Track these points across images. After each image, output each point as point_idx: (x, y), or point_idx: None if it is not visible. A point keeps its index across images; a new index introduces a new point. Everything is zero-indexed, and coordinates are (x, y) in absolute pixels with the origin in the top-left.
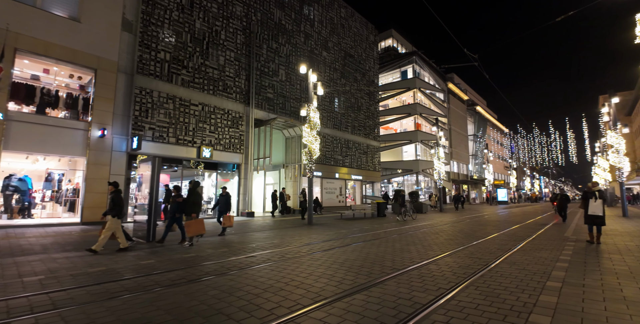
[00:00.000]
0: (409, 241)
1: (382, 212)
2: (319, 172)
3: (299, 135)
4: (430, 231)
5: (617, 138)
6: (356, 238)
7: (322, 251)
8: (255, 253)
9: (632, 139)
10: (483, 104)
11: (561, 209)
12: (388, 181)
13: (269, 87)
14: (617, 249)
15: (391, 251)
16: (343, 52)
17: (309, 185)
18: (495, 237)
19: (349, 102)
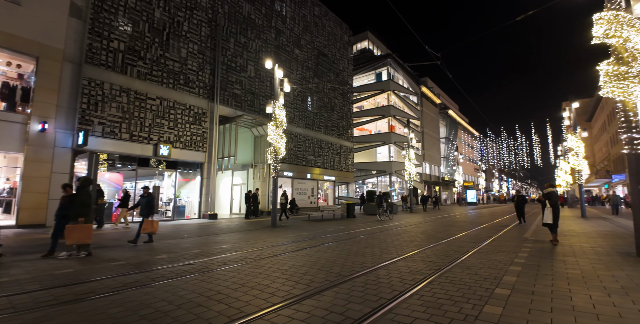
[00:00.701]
0: (368, 244)
1: (352, 213)
2: (290, 172)
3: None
4: (394, 233)
5: (577, 142)
6: (314, 241)
7: (270, 257)
8: (193, 261)
9: (592, 144)
10: (455, 108)
11: (519, 210)
12: (362, 182)
13: (237, 83)
14: (572, 251)
15: (345, 254)
16: (316, 50)
17: (274, 185)
18: (456, 239)
19: (322, 101)
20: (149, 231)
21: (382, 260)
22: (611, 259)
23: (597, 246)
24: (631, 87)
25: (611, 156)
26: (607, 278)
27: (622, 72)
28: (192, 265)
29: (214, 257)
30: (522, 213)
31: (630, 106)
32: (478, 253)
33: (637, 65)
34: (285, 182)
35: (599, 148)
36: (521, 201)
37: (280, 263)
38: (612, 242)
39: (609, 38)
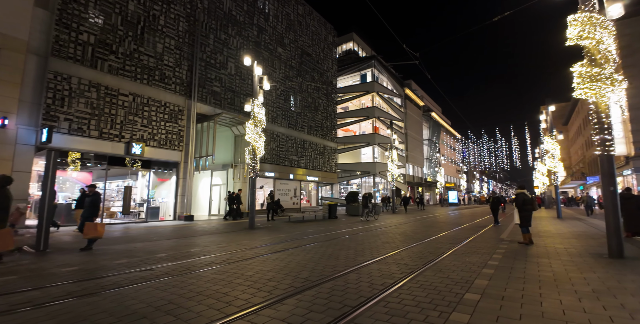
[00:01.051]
0: (344, 246)
1: (334, 214)
2: (272, 172)
3: None
4: (372, 234)
5: (553, 144)
6: (289, 244)
7: (238, 262)
8: (154, 266)
9: (568, 147)
10: (438, 110)
11: (494, 211)
12: (347, 182)
13: (216, 80)
14: (546, 252)
15: (318, 258)
16: (300, 49)
17: (252, 186)
18: (433, 240)
19: (306, 101)
20: (91, 235)
21: (355, 263)
22: (583, 261)
23: (571, 247)
24: (603, 88)
25: (586, 159)
26: (578, 280)
27: (595, 74)
28: (152, 271)
29: (179, 262)
30: (497, 214)
31: (602, 108)
32: (453, 255)
33: (609, 67)
34: (267, 183)
35: (574, 151)
36: (496, 202)
37: (247, 267)
38: (585, 243)
39: (583, 40)
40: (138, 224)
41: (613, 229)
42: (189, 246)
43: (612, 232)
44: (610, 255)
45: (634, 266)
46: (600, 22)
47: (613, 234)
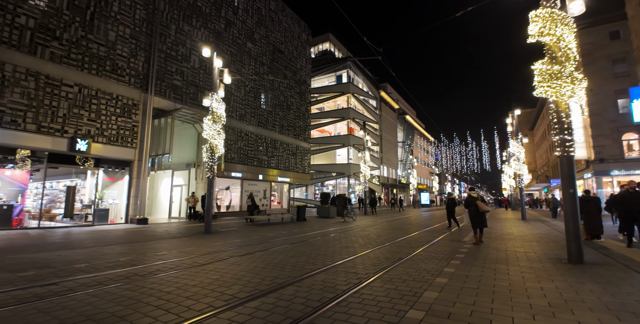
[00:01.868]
0: (298, 252)
1: (302, 216)
2: (239, 173)
3: None
4: (334, 238)
5: (518, 147)
6: (238, 251)
7: (167, 273)
8: (63, 280)
9: (534, 151)
10: (413, 114)
11: (449, 213)
12: (322, 184)
13: (177, 74)
14: (506, 256)
15: (262, 267)
16: (272, 46)
17: (209, 187)
18: (395, 243)
19: (278, 99)
20: None
21: (301, 273)
22: (542, 267)
23: (531, 251)
24: (563, 86)
25: (550, 162)
26: (535, 291)
27: (555, 72)
28: (55, 286)
29: (93, 274)
30: (453, 216)
31: (562, 107)
32: (410, 261)
33: (570, 65)
34: (235, 184)
35: (540, 155)
36: (452, 204)
37: (170, 282)
38: (546, 246)
39: (544, 36)
40: (83, 228)
41: (572, 233)
42: (121, 254)
43: (572, 236)
44: (569, 260)
45: (592, 273)
46: (561, 19)
47: (572, 239)
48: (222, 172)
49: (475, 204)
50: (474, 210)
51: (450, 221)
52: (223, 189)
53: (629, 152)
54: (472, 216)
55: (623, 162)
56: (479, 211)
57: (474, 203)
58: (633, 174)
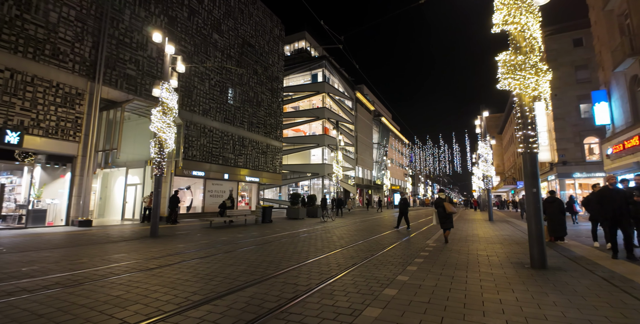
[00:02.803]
0: (240, 259)
1: (268, 217)
2: (201, 171)
3: (177, 124)
4: (291, 241)
5: (486, 149)
6: (173, 258)
7: (69, 287)
8: None
9: (502, 154)
10: (388, 116)
11: (401, 215)
12: (296, 184)
13: (131, 62)
14: (467, 261)
15: (186, 279)
16: (240, 39)
17: (156, 186)
18: (354, 247)
19: (247, 95)
20: None
21: (230, 287)
22: (504, 273)
23: (493, 255)
24: (527, 78)
25: (517, 165)
26: (492, 305)
27: (519, 62)
28: None
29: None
30: (406, 218)
31: (526, 101)
32: (362, 268)
33: (535, 56)
34: (196, 183)
35: (507, 158)
36: (404, 205)
37: (58, 300)
38: (509, 249)
39: (508, 24)
40: (13, 230)
41: (535, 236)
42: (32, 262)
43: (534, 239)
44: (532, 265)
45: (556, 281)
46: (526, 6)
47: (535, 242)
48: (181, 171)
49: (443, 206)
50: (442, 211)
51: (400, 220)
52: (183, 189)
53: (590, 155)
54: (440, 216)
55: (584, 165)
56: (445, 212)
57: (442, 204)
58: (593, 176)
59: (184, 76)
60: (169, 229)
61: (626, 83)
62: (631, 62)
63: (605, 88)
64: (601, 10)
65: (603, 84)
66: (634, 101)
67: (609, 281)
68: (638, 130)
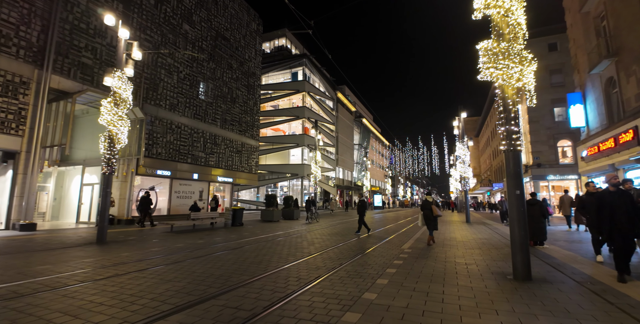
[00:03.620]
0: (184, 272)
1: (239, 220)
2: (167, 171)
3: (139, 118)
4: (256, 247)
5: (464, 150)
6: (107, 271)
7: None
8: None
9: (478, 157)
10: (370, 118)
11: (361, 216)
12: (274, 185)
13: (87, 50)
14: (444, 270)
15: (101, 301)
16: (214, 31)
17: (105, 186)
18: (323, 254)
19: (220, 91)
20: None
21: (155, 312)
22: (484, 287)
23: (472, 262)
24: (511, 67)
25: (493, 167)
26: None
27: (502, 50)
28: None
29: None
30: (362, 220)
31: (509, 93)
32: (325, 282)
33: (519, 45)
34: (161, 183)
35: (484, 160)
36: (362, 206)
37: None
38: (488, 255)
39: (490, 8)
40: None
41: (518, 244)
42: None
43: (518, 247)
44: (515, 276)
45: (544, 297)
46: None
47: (519, 250)
48: (144, 170)
49: (429, 208)
50: (428, 213)
51: (360, 225)
52: (147, 189)
53: (563, 158)
54: (426, 218)
55: (558, 168)
56: (432, 214)
57: (428, 207)
58: (566, 179)
59: (149, 67)
60: (123, 233)
61: (601, 85)
62: (607, 64)
63: (580, 90)
64: (577, 12)
65: (578, 87)
66: (609, 103)
67: (602, 297)
68: (613, 132)
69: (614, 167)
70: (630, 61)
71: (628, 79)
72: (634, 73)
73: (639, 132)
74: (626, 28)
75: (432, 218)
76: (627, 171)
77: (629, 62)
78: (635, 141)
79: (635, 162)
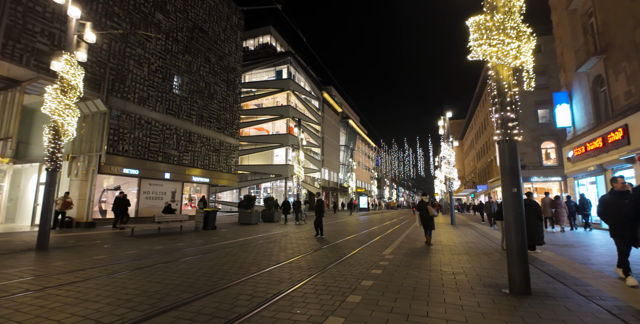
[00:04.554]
0: (113, 289)
1: (212, 223)
2: (135, 169)
3: (102, 111)
4: (215, 256)
5: (449, 150)
6: (22, 285)
7: None
8: None
9: (462, 159)
10: (356, 119)
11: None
12: (257, 186)
13: (44, 35)
14: (429, 281)
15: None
16: (191, 23)
17: (48, 184)
18: (290, 263)
19: (197, 85)
20: None
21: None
22: (477, 305)
23: (461, 271)
24: (507, 43)
25: (477, 169)
26: None
27: (498, 23)
28: None
29: None
30: (320, 223)
31: (505, 74)
32: (283, 301)
33: (514, 18)
34: (128, 183)
35: (467, 162)
36: (319, 208)
37: None
38: (478, 262)
39: None
40: None
41: (516, 252)
42: None
43: (515, 256)
44: (512, 290)
45: (549, 318)
46: None
47: (516, 260)
48: (108, 168)
49: (426, 209)
50: (425, 214)
51: (318, 226)
52: (111, 189)
53: (547, 160)
54: (422, 219)
55: (542, 169)
56: (428, 215)
57: (424, 207)
58: (549, 180)
59: (115, 57)
60: (75, 238)
61: (589, 84)
62: (595, 62)
63: (566, 90)
64: (564, 10)
65: (564, 86)
66: (596, 102)
67: (620, 319)
68: (601, 131)
69: (602, 167)
70: (620, 58)
71: (617, 76)
72: (624, 70)
73: (629, 131)
74: (615, 24)
75: (428, 218)
76: (615, 171)
77: (618, 59)
78: (626, 140)
79: (625, 162)
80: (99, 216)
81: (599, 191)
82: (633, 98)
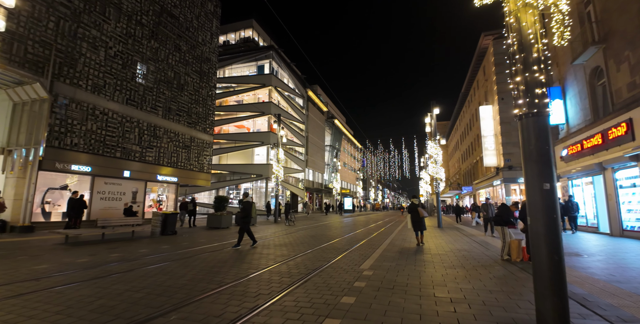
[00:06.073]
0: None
1: (171, 228)
2: (87, 166)
3: (42, 98)
4: (146, 273)
5: (436, 148)
6: None
7: None
8: None
9: (447, 161)
10: (342, 120)
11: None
12: (237, 186)
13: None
14: (419, 318)
15: None
16: (158, 6)
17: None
18: (248, 281)
19: (164, 74)
20: None
21: None
22: None
23: (460, 298)
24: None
25: (461, 171)
26: None
27: None
28: None
29: None
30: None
31: (529, 20)
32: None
33: None
34: (80, 182)
35: (452, 164)
36: (244, 211)
37: None
38: (478, 278)
39: None
40: None
41: (550, 280)
42: None
43: (547, 285)
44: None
45: None
46: None
47: (549, 290)
48: (52, 164)
49: (416, 210)
50: (415, 215)
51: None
52: (57, 189)
53: None
54: (413, 220)
55: None
56: (419, 216)
57: (415, 209)
58: None
59: (64, 38)
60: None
61: (585, 77)
62: (593, 52)
63: (560, 85)
64: None
65: (557, 81)
66: (594, 96)
67: None
68: (600, 127)
69: (602, 166)
70: (622, 46)
71: (618, 67)
72: (627, 59)
73: (634, 126)
74: (617, 9)
75: (419, 219)
76: (616, 170)
77: (620, 47)
78: (630, 136)
79: (629, 159)
80: (41, 219)
81: (596, 192)
82: (638, 89)
